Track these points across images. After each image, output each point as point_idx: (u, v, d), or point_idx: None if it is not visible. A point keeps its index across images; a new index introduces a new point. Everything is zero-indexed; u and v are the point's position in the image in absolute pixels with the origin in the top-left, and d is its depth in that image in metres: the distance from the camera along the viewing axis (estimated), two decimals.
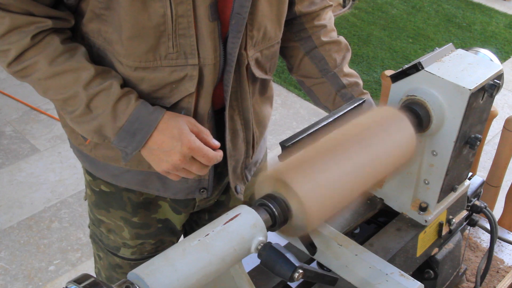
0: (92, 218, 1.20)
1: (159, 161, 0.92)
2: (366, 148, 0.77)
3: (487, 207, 1.06)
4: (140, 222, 1.14)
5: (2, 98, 3.05)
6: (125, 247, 1.18)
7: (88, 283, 0.55)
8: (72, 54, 0.89)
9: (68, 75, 0.88)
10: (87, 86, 0.88)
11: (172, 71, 0.91)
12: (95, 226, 1.21)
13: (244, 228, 0.66)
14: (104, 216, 1.16)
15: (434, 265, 1.01)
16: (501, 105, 3.36)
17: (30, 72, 0.89)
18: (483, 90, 0.85)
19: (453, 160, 0.89)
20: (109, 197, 1.12)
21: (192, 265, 0.61)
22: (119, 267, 1.23)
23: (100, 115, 0.89)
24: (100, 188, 1.12)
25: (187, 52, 0.89)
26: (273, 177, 0.70)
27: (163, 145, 0.90)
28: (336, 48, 1.12)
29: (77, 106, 0.89)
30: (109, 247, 1.21)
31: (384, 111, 0.84)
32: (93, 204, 1.17)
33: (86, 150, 1.05)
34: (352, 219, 0.96)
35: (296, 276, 0.65)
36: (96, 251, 1.27)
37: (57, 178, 2.57)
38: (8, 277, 2.11)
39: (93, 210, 1.18)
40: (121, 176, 1.06)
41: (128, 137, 0.90)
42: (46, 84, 0.89)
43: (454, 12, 4.36)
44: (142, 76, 0.91)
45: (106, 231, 1.18)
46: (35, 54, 0.87)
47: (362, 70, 3.55)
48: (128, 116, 0.89)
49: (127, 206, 1.12)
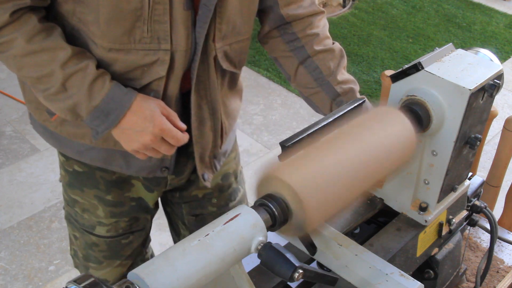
0: (67, 199, 1.22)
1: (130, 141, 0.96)
2: (366, 148, 0.77)
3: (487, 207, 1.06)
4: (113, 201, 1.17)
5: (2, 98, 3.05)
6: (100, 226, 1.21)
7: (88, 283, 0.55)
8: (49, 33, 0.90)
9: (45, 53, 0.89)
10: (63, 65, 0.89)
11: (145, 55, 0.94)
12: (69, 207, 1.23)
13: (244, 228, 0.66)
14: (78, 196, 1.18)
15: (434, 265, 1.01)
16: (501, 105, 3.36)
17: (5, 49, 0.90)
18: (483, 90, 0.85)
19: (453, 160, 0.89)
20: (82, 177, 1.15)
21: (192, 265, 0.61)
22: (95, 245, 1.25)
23: (75, 94, 0.91)
24: (73, 168, 1.15)
25: (161, 37, 0.93)
26: (273, 177, 0.70)
27: (135, 125, 0.93)
28: (330, 56, 1.13)
29: (51, 84, 0.91)
30: (84, 226, 1.22)
31: (384, 111, 0.84)
32: (67, 185, 1.19)
33: (51, 126, 1.07)
34: (352, 219, 0.96)
35: (296, 276, 0.65)
36: (71, 232, 1.28)
37: (57, 178, 2.57)
38: (8, 277, 2.11)
39: (67, 190, 1.20)
40: (85, 153, 1.08)
41: (102, 117, 0.93)
42: (21, 61, 0.90)
43: (454, 12, 4.36)
44: (115, 57, 0.94)
45: (80, 211, 1.20)
46: (13, 31, 0.88)
47: (362, 70, 3.55)
48: (103, 96, 0.91)
49: (100, 184, 1.15)
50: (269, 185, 0.71)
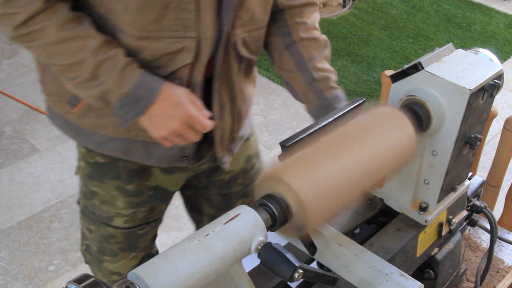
0: (84, 191, 1.22)
1: (158, 128, 0.97)
2: (366, 148, 0.77)
3: (487, 207, 1.06)
4: (134, 190, 1.18)
5: (2, 98, 3.05)
6: (118, 217, 1.21)
7: (88, 283, 0.55)
8: (80, 21, 0.92)
9: (76, 41, 0.91)
10: (94, 53, 0.91)
11: (172, 42, 0.95)
12: (86, 200, 1.23)
13: (244, 228, 0.66)
14: (98, 188, 1.18)
15: (434, 265, 1.01)
16: (501, 105, 3.36)
17: (36, 37, 0.91)
18: (483, 90, 0.85)
19: (453, 160, 0.89)
20: (104, 168, 1.15)
21: (192, 265, 0.61)
22: (112, 237, 1.25)
23: (105, 81, 0.92)
24: (95, 159, 1.15)
25: (187, 25, 0.94)
26: (273, 177, 0.70)
27: (164, 112, 0.95)
28: (315, 45, 1.16)
29: (82, 72, 0.92)
30: (101, 218, 1.23)
31: (384, 111, 0.84)
32: (87, 177, 1.19)
33: (72, 118, 1.08)
34: (352, 219, 0.96)
35: (296, 276, 0.65)
36: (86, 225, 1.28)
37: (57, 178, 2.57)
38: (8, 277, 2.11)
39: (87, 182, 1.20)
40: (106, 144, 1.09)
41: (132, 103, 0.94)
42: (52, 49, 0.92)
43: (454, 12, 4.36)
44: (143, 45, 0.95)
45: (99, 203, 1.20)
46: (45, 19, 0.89)
47: (362, 70, 3.55)
48: (133, 83, 0.93)
49: (122, 175, 1.15)
50: (269, 185, 0.71)
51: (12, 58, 3.38)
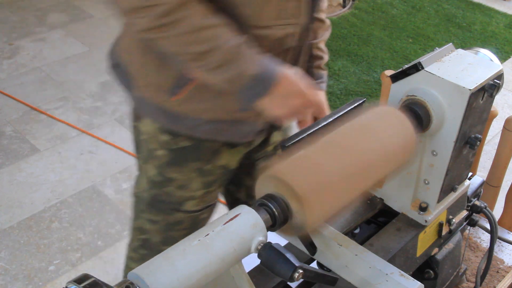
0: (157, 181, 1.24)
1: (278, 107, 1.03)
2: (366, 148, 0.77)
3: (487, 207, 1.06)
4: (209, 170, 1.22)
5: (2, 98, 3.05)
6: (190, 200, 1.25)
7: (88, 283, 0.55)
8: (213, 11, 0.97)
9: (212, 29, 0.96)
10: (228, 40, 0.96)
11: (282, 29, 1.04)
12: (157, 189, 1.24)
13: (244, 228, 0.66)
14: (177, 173, 1.21)
15: (434, 265, 1.01)
16: (501, 105, 3.36)
17: (177, 26, 0.94)
18: (483, 90, 0.85)
19: (453, 160, 0.89)
20: (187, 151, 1.19)
21: (192, 265, 0.61)
22: (179, 223, 1.28)
23: (237, 66, 0.98)
24: (180, 144, 1.18)
25: (293, 13, 1.04)
26: (273, 177, 0.70)
27: (284, 92, 1.01)
28: (321, 26, 1.26)
29: (214, 58, 0.97)
30: (172, 205, 1.26)
31: (384, 111, 0.84)
32: (165, 164, 1.21)
33: (170, 106, 1.12)
34: (352, 219, 0.96)
35: (296, 276, 0.65)
36: (149, 218, 1.29)
37: (57, 178, 2.57)
38: (8, 277, 2.11)
39: (164, 170, 1.22)
40: (198, 128, 1.14)
41: (258, 85, 0.99)
42: (188, 38, 0.95)
43: (454, 12, 4.36)
44: (259, 34, 1.03)
45: (174, 189, 1.23)
46: (188, 8, 0.94)
47: (362, 70, 3.55)
48: (260, 66, 0.99)
49: (203, 155, 1.20)
50: (269, 185, 0.71)
51: (12, 58, 3.38)
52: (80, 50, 3.53)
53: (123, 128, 2.92)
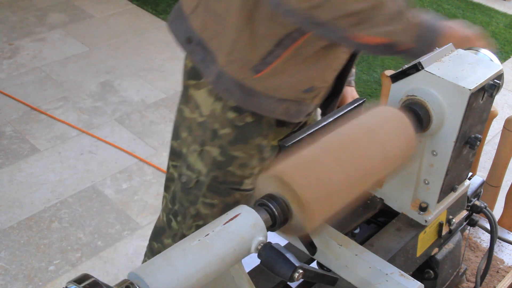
0: (219, 161, 1.25)
1: None
2: (366, 148, 0.77)
3: (487, 207, 1.06)
4: (265, 145, 1.26)
5: (2, 98, 3.05)
6: (248, 178, 1.28)
7: (88, 283, 0.55)
8: None
9: None
10: None
11: None
12: (219, 169, 1.26)
13: (244, 228, 0.66)
14: (240, 151, 1.24)
15: (434, 265, 1.01)
16: (501, 105, 3.36)
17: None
18: (483, 90, 0.85)
19: (453, 160, 0.89)
20: (250, 127, 1.22)
21: (192, 265, 0.61)
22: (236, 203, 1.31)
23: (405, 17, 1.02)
24: (245, 121, 1.21)
25: None
26: (273, 177, 0.70)
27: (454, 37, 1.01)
28: None
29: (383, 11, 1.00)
30: (232, 184, 1.28)
31: (384, 111, 0.84)
32: (230, 143, 1.23)
33: (252, 82, 1.15)
34: (352, 219, 0.96)
35: (296, 276, 0.65)
36: (208, 202, 1.30)
37: (57, 178, 2.57)
38: (8, 277, 2.11)
39: (227, 149, 1.24)
40: (268, 106, 1.18)
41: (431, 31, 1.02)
42: None
43: (454, 12, 4.36)
44: None
45: (235, 167, 1.25)
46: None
47: (362, 70, 3.55)
48: (422, 18, 1.03)
49: (263, 130, 1.23)
50: (269, 185, 0.71)
51: (12, 58, 3.38)
52: (80, 50, 3.53)
53: (123, 128, 2.92)
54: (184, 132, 1.29)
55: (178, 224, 1.39)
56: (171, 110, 3.03)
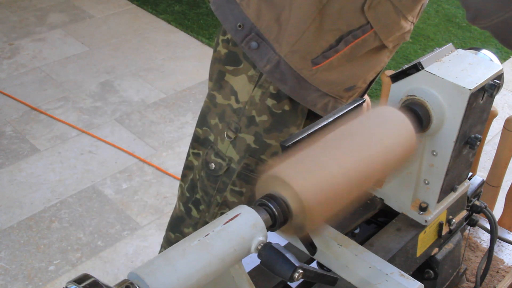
0: (254, 148, 1.25)
1: None
2: (366, 148, 0.77)
3: (487, 207, 1.06)
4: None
5: (2, 98, 3.05)
6: None
7: (88, 283, 0.55)
8: None
9: None
10: None
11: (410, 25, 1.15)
12: (252, 158, 1.26)
13: (244, 228, 0.66)
14: (274, 139, 1.24)
15: (434, 265, 1.01)
16: (501, 105, 3.36)
17: None
18: (483, 90, 0.85)
19: (453, 160, 0.89)
20: (287, 115, 1.23)
21: (192, 265, 0.61)
22: None
23: None
24: (283, 108, 1.22)
25: None
26: (273, 177, 0.70)
27: None
28: None
29: None
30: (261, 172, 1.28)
31: (384, 111, 0.84)
32: (266, 130, 1.24)
33: (306, 74, 1.17)
34: (352, 219, 0.96)
35: (296, 276, 0.65)
36: (238, 189, 1.30)
37: (57, 178, 2.57)
38: (8, 277, 2.11)
39: (262, 137, 1.24)
40: (314, 99, 1.20)
41: None
42: None
43: (454, 12, 4.36)
44: None
45: (268, 156, 1.26)
46: None
47: None
48: None
49: (298, 119, 1.24)
50: (269, 185, 0.71)
51: (12, 58, 3.39)
52: (80, 50, 3.53)
53: (123, 128, 2.92)
54: (214, 119, 1.29)
55: (200, 213, 1.38)
56: (171, 110, 3.03)
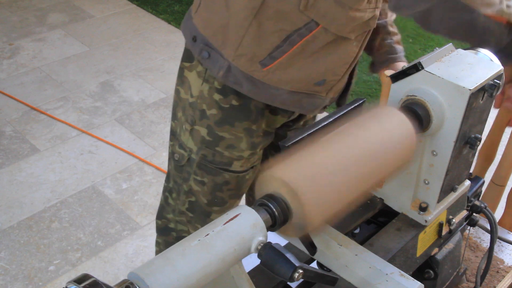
0: (207, 140, 1.29)
1: None
2: (366, 149, 0.77)
3: (487, 207, 1.06)
4: (255, 130, 1.28)
5: (2, 98, 3.05)
6: (237, 160, 1.31)
7: (88, 283, 0.55)
8: None
9: None
10: None
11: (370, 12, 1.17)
12: (208, 149, 1.30)
13: (244, 228, 0.66)
14: (226, 132, 1.27)
15: (434, 265, 1.01)
16: None
17: None
18: (483, 90, 0.85)
19: (453, 160, 0.89)
20: (236, 110, 1.25)
21: (192, 265, 0.61)
22: (226, 183, 1.34)
23: None
24: (231, 103, 1.24)
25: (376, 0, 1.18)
26: (273, 177, 0.70)
27: None
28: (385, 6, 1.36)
29: None
30: (221, 165, 1.31)
31: (384, 111, 0.84)
32: (217, 123, 1.27)
33: (259, 75, 1.19)
34: (352, 219, 0.96)
35: (296, 276, 0.65)
36: (198, 179, 1.34)
37: (57, 178, 2.57)
38: (8, 277, 2.11)
39: (214, 129, 1.28)
40: (279, 97, 1.22)
41: None
42: None
43: None
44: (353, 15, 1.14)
45: (223, 148, 1.29)
46: None
47: (362, 70, 3.55)
48: None
49: (251, 114, 1.26)
50: (269, 185, 0.71)
51: (12, 58, 3.38)
52: (80, 50, 3.53)
53: (123, 128, 2.92)
54: (179, 112, 1.34)
55: (174, 201, 1.44)
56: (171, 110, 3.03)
